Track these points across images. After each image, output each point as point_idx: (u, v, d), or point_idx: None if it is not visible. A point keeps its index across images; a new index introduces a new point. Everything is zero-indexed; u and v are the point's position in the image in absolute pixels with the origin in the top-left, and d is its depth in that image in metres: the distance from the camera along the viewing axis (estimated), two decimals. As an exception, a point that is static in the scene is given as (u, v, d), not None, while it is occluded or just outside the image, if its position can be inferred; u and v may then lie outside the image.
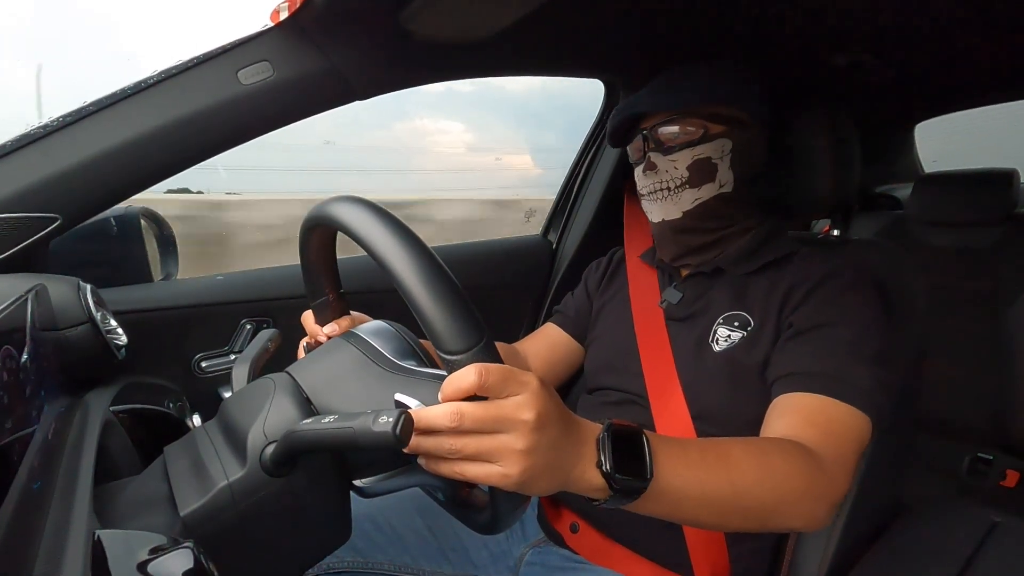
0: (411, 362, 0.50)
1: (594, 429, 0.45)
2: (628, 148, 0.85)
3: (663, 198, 0.79)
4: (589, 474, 0.43)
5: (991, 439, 1.43)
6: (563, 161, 1.40)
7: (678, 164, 0.77)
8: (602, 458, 0.43)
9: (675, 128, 0.77)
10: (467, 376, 0.38)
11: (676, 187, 0.77)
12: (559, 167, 1.42)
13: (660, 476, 0.46)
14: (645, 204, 0.83)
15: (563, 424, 0.42)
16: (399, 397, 0.44)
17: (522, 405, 0.39)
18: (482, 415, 0.38)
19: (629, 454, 0.45)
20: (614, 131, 0.83)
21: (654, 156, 0.78)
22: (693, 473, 0.48)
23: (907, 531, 0.78)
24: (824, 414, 0.61)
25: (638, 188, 0.84)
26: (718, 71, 0.79)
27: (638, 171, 0.82)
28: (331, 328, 0.62)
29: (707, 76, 0.78)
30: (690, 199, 0.77)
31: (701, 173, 0.76)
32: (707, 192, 0.77)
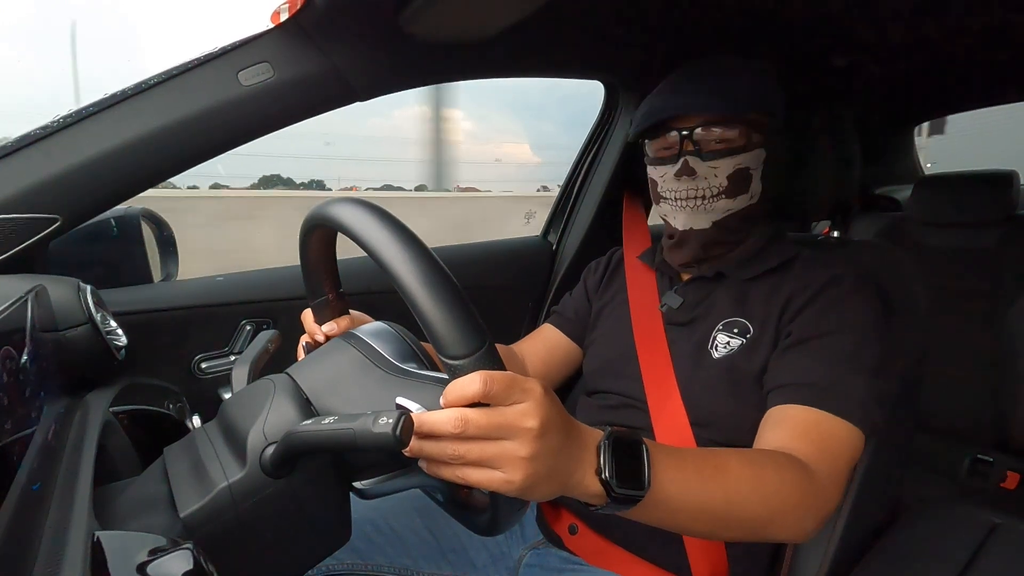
0: (411, 364, 0.50)
1: (595, 435, 0.45)
2: (649, 145, 0.79)
3: (695, 207, 0.74)
4: (588, 480, 0.43)
5: (991, 440, 1.43)
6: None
7: (719, 172, 0.72)
8: (602, 465, 0.44)
9: (722, 132, 0.72)
10: (471, 383, 0.38)
11: (712, 196, 0.73)
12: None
13: (657, 486, 0.46)
14: (667, 207, 0.78)
15: (565, 431, 0.42)
16: (400, 401, 0.44)
17: (526, 413, 0.39)
18: (486, 422, 0.39)
19: (628, 462, 0.45)
20: (643, 127, 0.76)
21: (693, 160, 0.73)
22: (689, 484, 0.48)
23: (907, 532, 0.78)
24: (818, 428, 0.61)
25: (660, 190, 0.78)
26: (759, 73, 0.75)
27: (665, 172, 0.76)
28: (330, 327, 0.62)
29: (750, 79, 0.74)
30: (723, 209, 0.74)
31: (738, 183, 0.73)
32: (739, 204, 0.74)
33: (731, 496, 0.50)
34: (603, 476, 0.43)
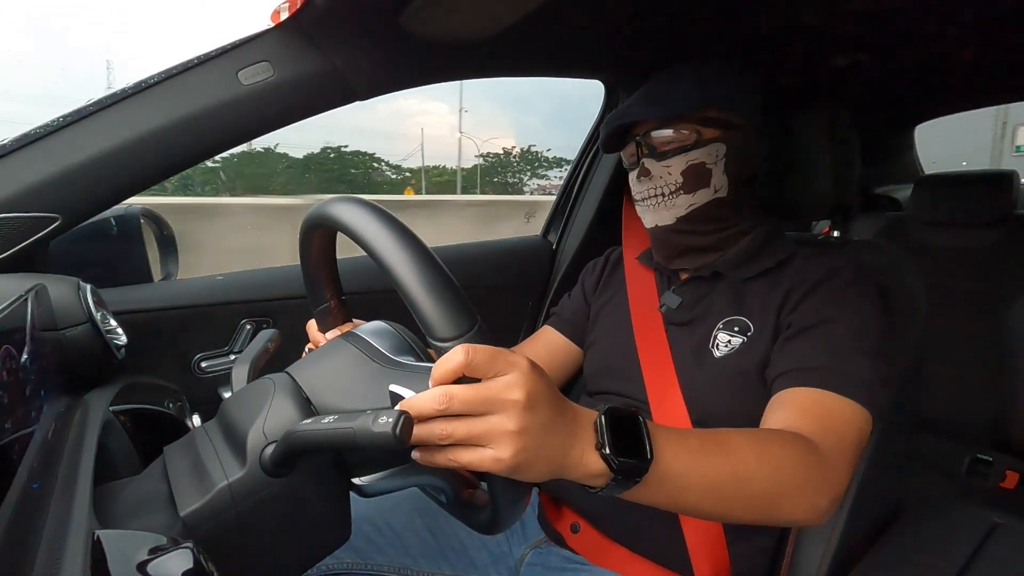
0: (408, 358, 0.50)
1: (591, 414, 0.44)
2: (622, 154, 0.84)
3: (657, 204, 0.78)
4: (588, 458, 0.42)
5: (991, 440, 1.43)
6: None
7: (672, 170, 0.76)
8: (601, 440, 0.43)
9: (668, 133, 0.76)
10: (454, 356, 0.38)
11: (670, 193, 0.77)
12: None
13: (661, 460, 0.45)
14: (639, 209, 0.83)
15: (556, 406, 0.41)
16: (393, 388, 0.44)
17: (511, 385, 0.39)
18: (471, 396, 0.38)
19: (628, 437, 0.44)
20: (607, 138, 0.83)
21: (648, 162, 0.78)
22: (693, 458, 0.47)
23: (907, 532, 0.78)
24: (823, 407, 0.60)
25: (632, 193, 0.83)
26: (709, 74, 0.78)
27: (632, 177, 0.82)
28: (333, 335, 0.62)
29: (698, 80, 0.78)
30: (684, 204, 0.77)
31: (695, 178, 0.76)
32: (701, 197, 0.77)
33: (738, 471, 0.49)
34: (604, 451, 0.42)
